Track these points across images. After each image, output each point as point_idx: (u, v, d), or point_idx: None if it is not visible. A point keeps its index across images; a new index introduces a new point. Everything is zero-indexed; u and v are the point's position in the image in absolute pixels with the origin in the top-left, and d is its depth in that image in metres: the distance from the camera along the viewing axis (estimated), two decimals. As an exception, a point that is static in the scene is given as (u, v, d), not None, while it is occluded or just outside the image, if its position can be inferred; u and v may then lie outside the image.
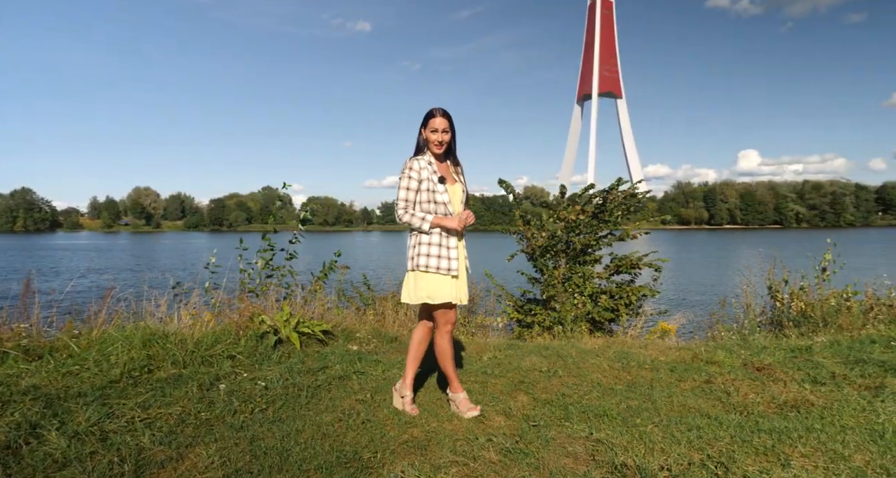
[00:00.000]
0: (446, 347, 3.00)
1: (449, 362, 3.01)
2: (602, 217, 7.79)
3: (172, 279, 4.88)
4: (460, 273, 2.96)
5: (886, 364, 3.68)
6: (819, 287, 5.86)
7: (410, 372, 3.06)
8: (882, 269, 8.72)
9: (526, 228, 8.23)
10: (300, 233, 6.14)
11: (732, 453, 2.37)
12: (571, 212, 7.93)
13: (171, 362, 3.55)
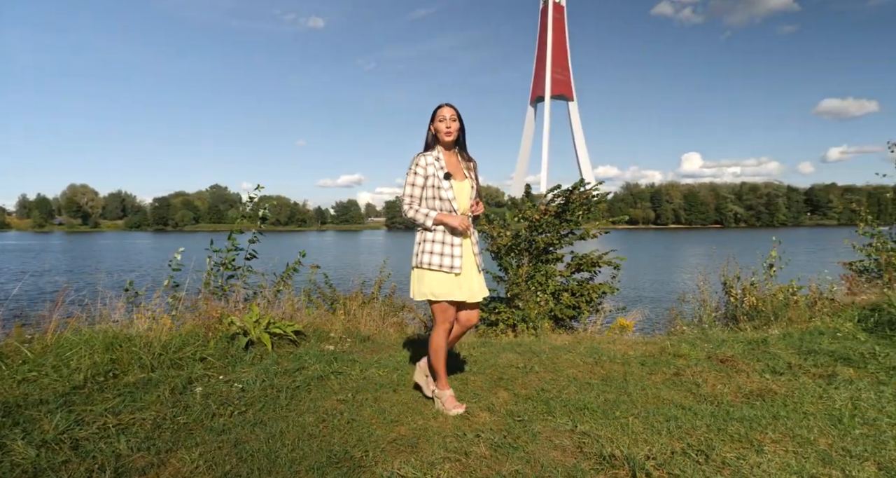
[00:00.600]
0: (440, 343, 2.99)
1: (440, 359, 3.01)
2: (564, 216, 7.96)
3: (128, 281, 4.67)
4: (466, 271, 2.94)
5: (835, 354, 3.93)
6: (767, 283, 6.18)
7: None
8: (816, 265, 9.28)
9: (490, 227, 8.32)
10: (260, 231, 6.00)
11: (710, 441, 2.49)
12: (535, 211, 8.07)
13: (138, 365, 3.41)
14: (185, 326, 4.04)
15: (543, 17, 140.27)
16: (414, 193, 2.94)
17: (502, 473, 2.22)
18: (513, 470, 2.24)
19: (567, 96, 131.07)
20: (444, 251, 2.91)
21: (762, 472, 2.20)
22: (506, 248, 7.90)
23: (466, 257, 2.97)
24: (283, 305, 4.72)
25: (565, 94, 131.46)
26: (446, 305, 2.95)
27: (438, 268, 2.90)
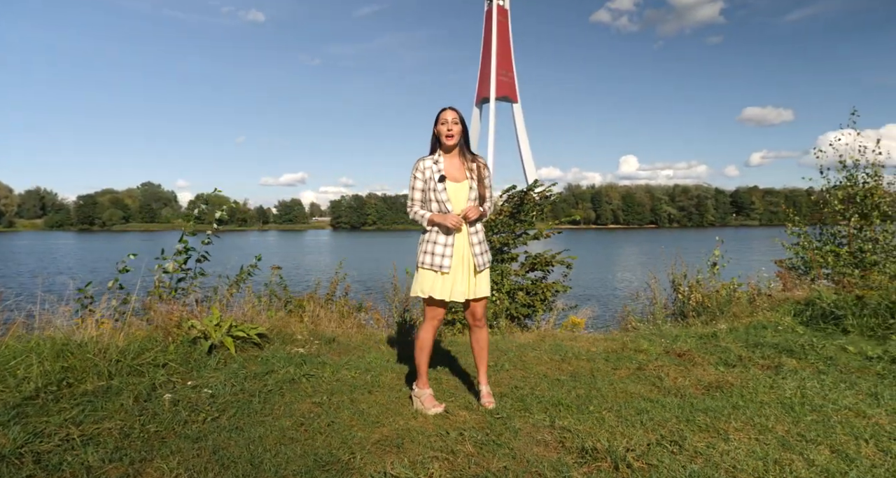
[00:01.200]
0: (425, 340, 3.06)
1: (423, 356, 3.07)
2: (518, 217, 8.12)
3: (87, 283, 4.42)
4: (459, 270, 2.99)
5: (779, 346, 4.22)
6: (711, 280, 6.55)
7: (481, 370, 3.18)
8: (745, 263, 9.90)
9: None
10: (215, 234, 5.79)
11: (681, 431, 2.62)
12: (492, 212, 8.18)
13: (94, 373, 3.23)
14: (141, 331, 3.86)
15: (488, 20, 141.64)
16: (415, 196, 3.05)
17: (491, 470, 2.26)
18: (500, 467, 2.28)
19: (511, 98, 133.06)
20: (436, 251, 2.98)
21: (731, 459, 2.34)
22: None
23: (460, 257, 3.01)
24: (244, 308, 4.58)
25: (510, 96, 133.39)
26: (436, 305, 3.02)
27: (430, 267, 2.98)
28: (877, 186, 8.36)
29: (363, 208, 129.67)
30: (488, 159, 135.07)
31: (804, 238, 8.71)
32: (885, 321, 4.48)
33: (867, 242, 8.38)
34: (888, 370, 3.64)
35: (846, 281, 5.94)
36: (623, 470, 2.24)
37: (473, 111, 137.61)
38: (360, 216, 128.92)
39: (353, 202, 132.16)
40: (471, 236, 3.04)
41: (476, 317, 3.13)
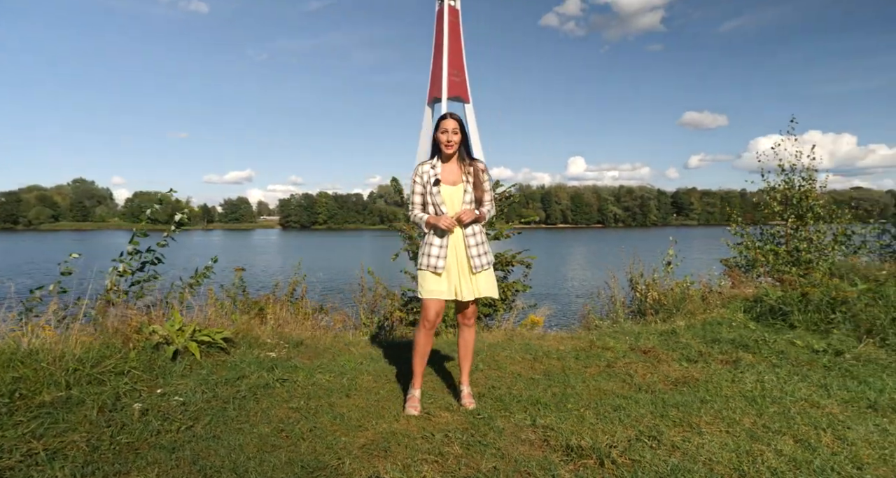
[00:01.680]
0: (419, 341, 3.13)
1: (416, 356, 3.14)
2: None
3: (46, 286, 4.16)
4: (455, 271, 3.05)
5: (735, 341, 4.43)
6: (665, 279, 6.82)
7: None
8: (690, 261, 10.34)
9: (409, 227, 8.37)
10: (172, 235, 5.55)
11: (657, 427, 2.72)
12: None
13: (49, 383, 3.04)
14: (91, 337, 3.66)
15: (439, 20, 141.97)
16: (415, 200, 3.17)
17: (481, 470, 2.28)
18: (490, 467, 2.30)
19: (463, 98, 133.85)
20: (431, 252, 3.07)
21: (707, 452, 2.45)
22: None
23: (454, 258, 3.06)
24: (206, 311, 4.42)
25: (461, 97, 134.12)
26: (429, 304, 3.08)
27: (426, 267, 3.07)
28: (811, 189, 8.92)
29: (314, 207, 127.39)
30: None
31: (747, 238, 9.19)
32: (826, 316, 4.79)
33: (802, 241, 8.93)
34: (833, 363, 3.89)
35: (788, 279, 6.31)
36: (608, 466, 2.31)
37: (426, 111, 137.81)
38: (311, 215, 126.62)
39: (303, 201, 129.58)
40: (467, 238, 3.09)
41: (466, 316, 3.20)
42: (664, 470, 2.27)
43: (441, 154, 3.14)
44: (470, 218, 3.05)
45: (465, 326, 3.22)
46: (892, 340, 4.21)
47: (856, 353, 4.02)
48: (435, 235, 3.08)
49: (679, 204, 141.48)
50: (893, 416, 2.93)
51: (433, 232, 3.09)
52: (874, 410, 3.02)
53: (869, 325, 4.51)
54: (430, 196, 3.08)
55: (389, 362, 3.95)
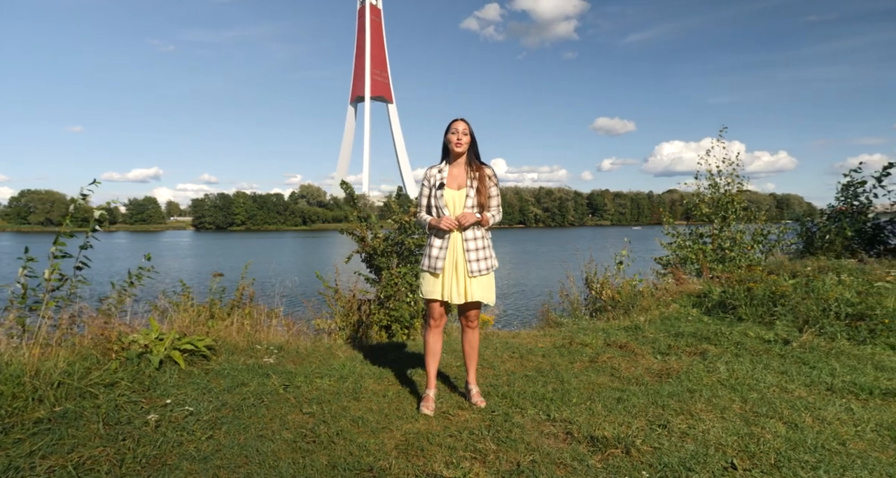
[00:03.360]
0: (427, 341, 3.23)
1: (426, 357, 3.22)
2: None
3: None
4: (453, 273, 3.09)
5: (696, 334, 4.80)
6: (616, 277, 7.22)
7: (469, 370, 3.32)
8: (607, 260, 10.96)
9: (361, 228, 8.33)
10: (94, 236, 5.16)
11: (662, 416, 2.93)
12: (405, 214, 8.27)
13: (34, 399, 2.80)
14: (72, 349, 3.39)
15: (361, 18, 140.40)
16: (422, 202, 3.24)
17: (522, 464, 2.37)
18: (528, 461, 2.40)
19: (387, 98, 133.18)
20: (431, 253, 3.16)
21: (713, 437, 2.67)
22: (381, 250, 7.97)
23: (453, 261, 3.11)
24: (183, 318, 4.19)
25: (385, 96, 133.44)
26: (429, 304, 3.18)
27: (426, 268, 3.15)
28: (738, 192, 9.74)
29: (231, 208, 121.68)
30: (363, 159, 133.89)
31: (679, 238, 9.89)
32: (769, 309, 5.29)
33: (727, 240, 9.75)
34: (784, 351, 4.32)
35: (730, 275, 6.88)
36: (634, 454, 2.47)
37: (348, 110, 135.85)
38: (228, 216, 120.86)
39: (219, 201, 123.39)
40: (466, 242, 3.13)
41: (469, 319, 3.26)
42: (685, 455, 2.46)
43: (450, 157, 3.19)
44: (469, 221, 3.09)
45: (467, 329, 3.28)
46: (828, 330, 4.73)
47: (801, 341, 4.48)
48: (436, 236, 3.14)
49: (594, 205, 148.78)
50: (850, 396, 3.32)
51: (434, 234, 3.15)
52: (832, 392, 3.40)
53: (805, 316, 5.04)
54: (434, 199, 3.14)
55: (384, 365, 3.94)
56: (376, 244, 8.04)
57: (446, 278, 3.11)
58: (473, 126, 3.18)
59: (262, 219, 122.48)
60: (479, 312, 3.31)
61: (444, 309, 3.25)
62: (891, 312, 4.91)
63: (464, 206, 3.11)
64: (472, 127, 3.17)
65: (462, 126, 3.13)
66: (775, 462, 2.41)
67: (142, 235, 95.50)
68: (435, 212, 3.16)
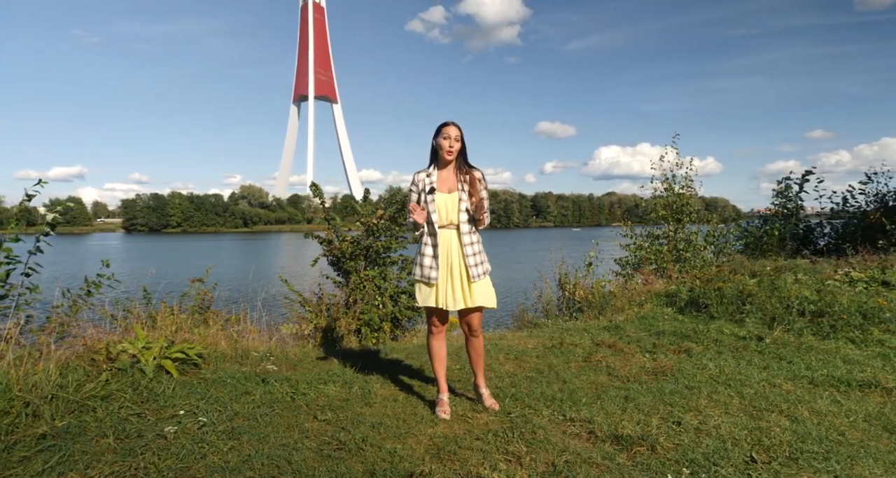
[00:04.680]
0: (430, 347, 3.22)
1: (432, 363, 3.21)
2: (399, 220, 8.26)
3: None
4: (450, 280, 3.06)
5: (676, 333, 4.99)
6: (586, 278, 7.40)
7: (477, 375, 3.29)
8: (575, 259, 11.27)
9: (329, 232, 8.20)
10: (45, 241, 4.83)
11: (672, 412, 3.02)
12: (373, 216, 8.21)
13: (27, 414, 2.60)
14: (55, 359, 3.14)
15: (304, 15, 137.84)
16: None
17: (557, 464, 2.39)
18: (562, 461, 2.43)
19: (331, 98, 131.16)
20: (424, 263, 3.10)
21: (726, 432, 2.78)
22: (349, 253, 7.86)
23: (448, 268, 3.08)
24: (168, 326, 3.96)
25: (329, 96, 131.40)
26: (430, 312, 3.17)
27: (419, 278, 3.11)
28: (691, 196, 10.21)
29: (165, 209, 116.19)
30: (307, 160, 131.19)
31: (637, 239, 10.25)
32: (739, 308, 5.57)
33: (681, 241, 10.20)
34: (760, 347, 4.56)
35: (699, 275, 7.20)
36: (659, 451, 2.54)
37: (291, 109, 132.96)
38: (162, 218, 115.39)
39: (151, 202, 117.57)
40: (464, 248, 3.10)
41: (472, 327, 3.20)
42: (707, 450, 2.55)
43: (439, 161, 3.15)
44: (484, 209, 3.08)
45: (472, 337, 3.23)
46: (795, 326, 5.04)
47: (773, 338, 4.74)
48: (427, 244, 3.09)
49: (538, 207, 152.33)
50: (832, 389, 3.53)
51: (426, 241, 3.10)
52: (815, 385, 3.62)
53: (772, 314, 5.34)
54: (426, 205, 3.08)
55: (383, 370, 3.89)
56: (344, 247, 7.93)
57: (442, 285, 3.07)
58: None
59: (200, 220, 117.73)
60: (480, 318, 3.28)
61: (445, 314, 3.23)
62: (846, 308, 5.28)
63: (457, 210, 3.09)
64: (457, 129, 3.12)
65: (455, 132, 3.09)
66: (790, 454, 2.54)
67: (66, 237, 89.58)
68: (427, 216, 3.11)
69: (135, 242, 77.11)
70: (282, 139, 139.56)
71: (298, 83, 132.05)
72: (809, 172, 10.37)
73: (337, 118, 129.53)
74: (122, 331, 3.89)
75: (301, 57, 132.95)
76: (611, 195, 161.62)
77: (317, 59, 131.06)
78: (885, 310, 5.18)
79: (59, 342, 3.73)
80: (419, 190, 3.13)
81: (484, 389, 3.26)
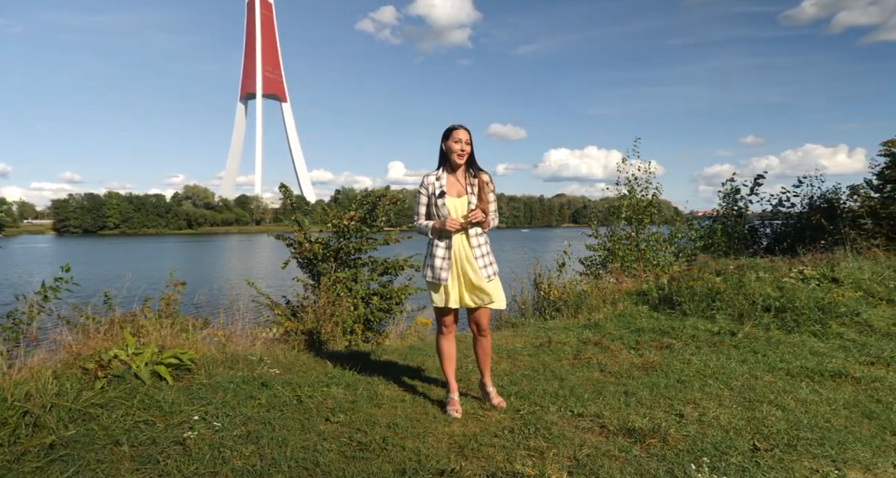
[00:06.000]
0: (440, 348, 3.26)
1: (442, 363, 3.26)
2: (368, 222, 8.23)
3: None
4: (460, 280, 3.11)
5: (655, 330, 5.17)
6: (559, 278, 7.57)
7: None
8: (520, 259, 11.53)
9: (299, 234, 8.10)
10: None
11: (673, 405, 3.15)
12: (343, 217, 8.15)
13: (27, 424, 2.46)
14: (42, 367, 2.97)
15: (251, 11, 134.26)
16: (420, 210, 3.23)
17: (579, 458, 2.47)
18: (584, 455, 2.50)
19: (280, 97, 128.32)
20: (434, 264, 3.14)
21: (726, 422, 2.92)
22: (321, 255, 7.76)
23: (459, 268, 3.13)
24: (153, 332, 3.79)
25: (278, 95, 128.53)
26: (441, 312, 3.21)
27: (431, 279, 3.15)
28: (655, 198, 10.59)
29: (101, 209, 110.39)
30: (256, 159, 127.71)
31: (602, 239, 10.55)
32: (709, 305, 5.83)
33: (643, 242, 10.58)
34: (734, 341, 4.79)
35: (658, 272, 7.48)
36: (670, 443, 2.65)
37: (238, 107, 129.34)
38: (98, 219, 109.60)
39: (86, 202, 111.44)
40: (473, 249, 3.16)
41: (481, 326, 3.27)
42: (714, 441, 2.68)
43: (448, 165, 3.20)
44: (478, 217, 3.13)
45: (481, 337, 3.30)
46: (762, 322, 5.32)
47: (745, 333, 5.00)
48: (438, 246, 3.13)
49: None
50: (807, 379, 3.75)
51: (437, 243, 3.14)
52: (792, 376, 3.84)
53: (740, 310, 5.63)
54: (435, 208, 3.14)
55: (383, 371, 3.89)
56: (316, 249, 7.84)
57: (453, 287, 3.13)
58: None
59: (140, 222, 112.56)
60: (489, 318, 3.34)
61: (455, 315, 3.28)
62: (806, 304, 5.63)
63: (468, 212, 3.13)
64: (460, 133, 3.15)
65: (465, 136, 3.13)
66: (788, 442, 2.70)
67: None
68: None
69: (68, 244, 72.94)
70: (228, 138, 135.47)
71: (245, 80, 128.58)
72: (761, 177, 10.96)
73: (286, 117, 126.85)
74: (104, 337, 3.70)
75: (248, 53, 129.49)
76: (560, 197, 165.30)
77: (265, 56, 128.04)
78: (840, 305, 5.55)
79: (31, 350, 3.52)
80: (429, 193, 3.16)
81: (491, 387, 3.30)
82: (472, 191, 3.17)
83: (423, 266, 3.19)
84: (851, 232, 8.76)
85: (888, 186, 9.49)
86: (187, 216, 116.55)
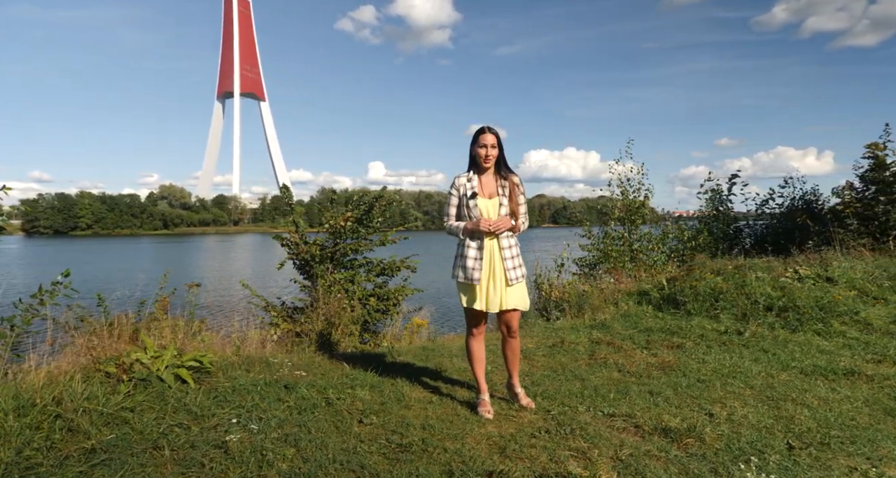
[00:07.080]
0: (470, 349, 3.26)
1: (471, 364, 3.25)
2: (365, 222, 8.19)
3: None
4: (490, 282, 3.10)
5: (663, 329, 5.22)
6: (559, 278, 7.60)
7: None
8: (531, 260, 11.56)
9: (294, 235, 8.02)
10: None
11: (701, 405, 3.18)
12: (339, 218, 8.09)
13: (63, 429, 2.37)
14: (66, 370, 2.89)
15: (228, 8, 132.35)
16: (450, 212, 3.24)
17: (622, 458, 2.48)
18: (627, 454, 2.51)
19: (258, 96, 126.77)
20: (466, 264, 3.13)
21: (755, 420, 2.96)
22: (319, 256, 7.69)
23: (490, 270, 3.12)
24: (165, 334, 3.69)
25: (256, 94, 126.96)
26: (472, 313, 3.20)
27: (463, 280, 3.13)
28: (646, 199, 10.70)
29: (73, 209, 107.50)
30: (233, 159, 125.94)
31: (596, 239, 10.63)
32: (713, 305, 5.91)
33: (635, 242, 10.68)
34: (742, 341, 4.85)
35: (655, 271, 7.55)
36: (707, 442, 2.67)
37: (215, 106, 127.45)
38: (69, 219, 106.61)
39: (56, 202, 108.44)
40: (503, 251, 3.15)
41: (511, 328, 3.26)
42: (750, 439, 2.71)
43: (478, 168, 3.20)
44: (505, 226, 3.14)
45: (510, 338, 3.29)
46: (766, 321, 5.41)
47: (752, 332, 5.07)
48: (470, 246, 3.12)
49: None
50: (822, 378, 3.81)
51: (469, 243, 3.13)
52: (806, 375, 3.90)
53: (743, 310, 5.71)
54: (467, 209, 3.14)
55: (404, 372, 3.88)
56: (313, 250, 7.77)
57: (483, 288, 3.12)
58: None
59: (114, 222, 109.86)
60: (518, 319, 3.33)
61: (485, 317, 3.27)
62: (806, 304, 5.73)
63: (498, 215, 3.13)
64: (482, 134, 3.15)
65: (491, 139, 3.13)
66: (821, 440, 2.74)
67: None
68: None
69: (38, 245, 70.96)
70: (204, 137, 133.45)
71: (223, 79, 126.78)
72: (735, 176, 11.15)
73: (265, 116, 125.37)
74: (117, 339, 3.58)
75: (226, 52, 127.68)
76: (540, 197, 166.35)
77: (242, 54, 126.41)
78: (839, 304, 5.67)
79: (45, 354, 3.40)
80: (460, 195, 3.16)
81: (519, 388, 3.29)
82: (504, 192, 3.17)
83: (454, 267, 3.18)
84: (840, 232, 8.96)
85: (872, 187, 9.73)
86: (163, 217, 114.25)
